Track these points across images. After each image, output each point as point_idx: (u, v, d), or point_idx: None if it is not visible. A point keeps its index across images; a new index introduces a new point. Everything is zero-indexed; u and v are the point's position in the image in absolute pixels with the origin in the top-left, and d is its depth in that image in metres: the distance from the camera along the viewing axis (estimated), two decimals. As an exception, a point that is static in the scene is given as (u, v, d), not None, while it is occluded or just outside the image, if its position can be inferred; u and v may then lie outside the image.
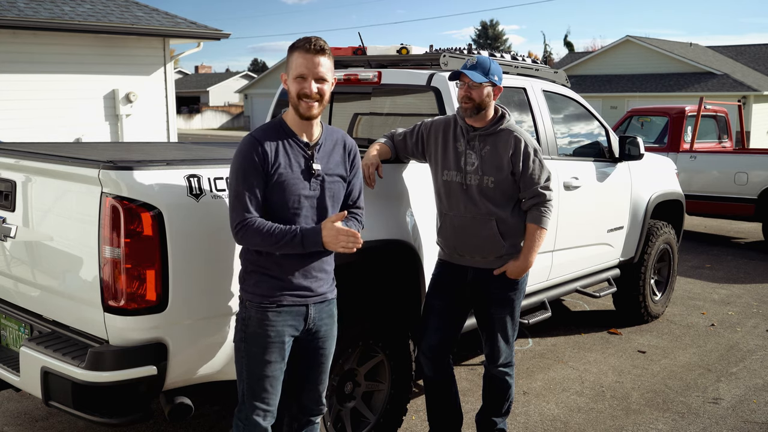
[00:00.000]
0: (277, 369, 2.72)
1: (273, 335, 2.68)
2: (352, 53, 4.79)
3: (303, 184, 2.68)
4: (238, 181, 2.60)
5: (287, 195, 2.64)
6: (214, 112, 51.83)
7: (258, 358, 2.67)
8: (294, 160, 2.67)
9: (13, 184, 3.15)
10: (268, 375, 2.69)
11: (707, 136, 11.00)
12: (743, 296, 7.26)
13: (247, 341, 2.68)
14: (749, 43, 36.48)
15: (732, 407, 4.56)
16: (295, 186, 2.66)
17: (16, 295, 3.30)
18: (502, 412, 3.74)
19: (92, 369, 2.65)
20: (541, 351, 5.53)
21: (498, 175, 3.41)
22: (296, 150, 2.69)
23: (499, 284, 3.52)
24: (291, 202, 2.65)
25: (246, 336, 2.69)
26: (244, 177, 2.59)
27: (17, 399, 4.39)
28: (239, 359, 2.72)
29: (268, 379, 2.70)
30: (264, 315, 2.66)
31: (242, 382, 2.73)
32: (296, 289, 2.70)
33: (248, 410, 2.71)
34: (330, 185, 2.76)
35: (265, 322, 2.66)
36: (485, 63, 3.38)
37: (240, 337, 2.71)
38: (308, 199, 2.70)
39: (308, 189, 2.69)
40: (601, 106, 27.54)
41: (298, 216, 2.68)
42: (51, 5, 10.83)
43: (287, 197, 2.64)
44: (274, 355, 2.69)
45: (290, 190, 2.64)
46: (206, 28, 12.49)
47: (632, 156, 5.43)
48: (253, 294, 2.68)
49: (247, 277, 2.71)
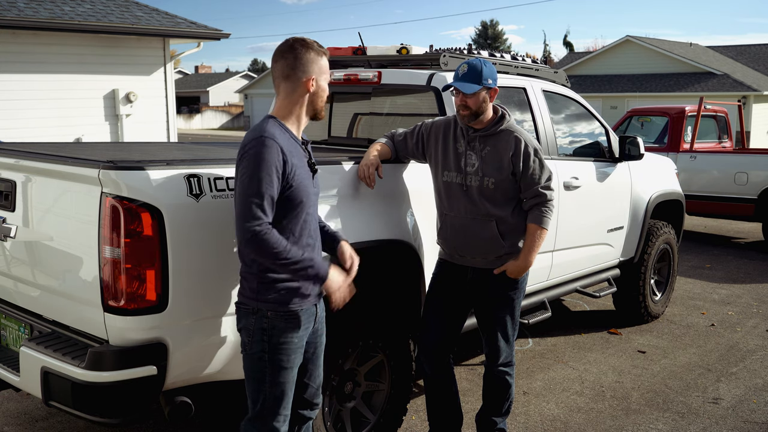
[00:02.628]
0: (296, 373, 2.74)
1: (296, 341, 2.69)
2: (352, 53, 4.79)
3: (309, 182, 2.71)
4: (260, 183, 2.49)
5: (302, 194, 2.64)
6: (214, 112, 51.85)
7: (283, 366, 2.66)
8: (301, 159, 2.68)
9: (13, 184, 3.15)
10: (290, 381, 2.70)
11: (707, 136, 11.00)
12: (743, 296, 7.26)
13: (272, 351, 2.64)
14: (749, 43, 36.50)
15: (732, 407, 4.56)
16: (307, 185, 2.68)
17: (16, 295, 3.30)
18: (502, 412, 3.74)
19: (92, 369, 2.64)
20: (541, 351, 5.53)
21: (498, 176, 3.41)
22: (299, 148, 2.70)
23: (499, 284, 3.52)
24: (305, 201, 2.66)
25: (270, 346, 2.64)
26: (266, 179, 2.49)
27: (17, 399, 4.39)
28: (260, 370, 2.66)
29: (290, 385, 2.71)
30: (290, 323, 2.65)
31: (262, 393, 2.68)
32: (311, 292, 2.72)
33: (269, 418, 2.69)
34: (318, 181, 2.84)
35: (292, 330, 2.66)
36: (477, 68, 3.34)
37: (261, 347, 2.64)
38: (315, 195, 2.76)
39: (312, 186, 2.73)
40: (601, 106, 27.55)
41: (309, 214, 2.70)
42: (51, 5, 10.83)
43: (302, 196, 2.64)
44: (296, 360, 2.71)
45: (305, 189, 2.65)
46: (206, 28, 12.49)
47: (632, 156, 5.43)
48: (276, 303, 2.63)
49: (265, 288, 2.62)
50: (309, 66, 2.68)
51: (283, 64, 2.69)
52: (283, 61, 2.69)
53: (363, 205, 3.46)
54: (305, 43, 2.69)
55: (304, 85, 2.68)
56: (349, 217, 3.38)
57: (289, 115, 2.71)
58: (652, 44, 29.61)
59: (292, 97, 2.70)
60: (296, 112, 2.72)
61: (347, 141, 4.86)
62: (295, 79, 2.68)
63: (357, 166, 3.47)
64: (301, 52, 2.67)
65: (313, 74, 2.69)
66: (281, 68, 2.69)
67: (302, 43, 2.69)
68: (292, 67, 2.67)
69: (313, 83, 2.70)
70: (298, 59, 2.67)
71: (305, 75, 2.68)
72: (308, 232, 2.71)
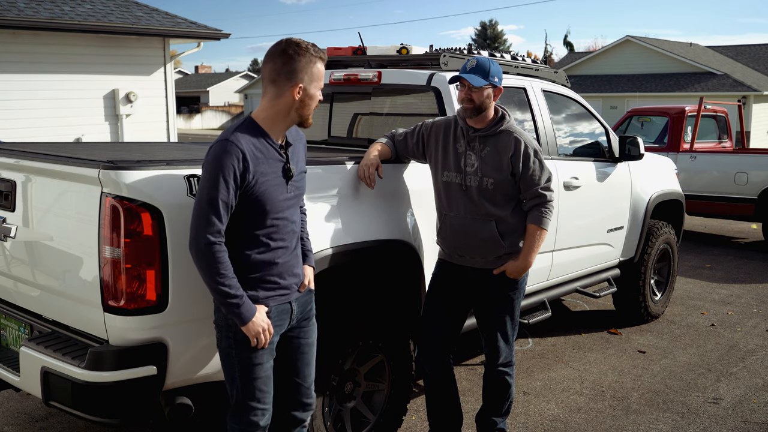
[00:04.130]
0: (269, 368, 2.71)
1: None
2: (352, 53, 4.79)
3: (281, 188, 2.62)
4: (215, 188, 2.44)
5: (267, 203, 2.57)
6: (214, 112, 51.84)
7: (250, 362, 2.65)
8: (273, 165, 2.59)
9: (13, 184, 3.14)
10: (260, 376, 2.68)
11: (707, 136, 11.00)
12: (743, 296, 7.26)
13: (237, 347, 2.64)
14: (749, 43, 36.50)
15: (732, 407, 4.56)
16: (276, 192, 2.60)
17: (16, 295, 3.30)
18: (502, 412, 3.74)
19: (92, 369, 2.64)
20: (541, 351, 5.53)
21: (497, 177, 3.41)
22: (273, 153, 2.60)
23: (499, 284, 3.52)
24: (271, 208, 2.59)
25: (236, 342, 2.63)
26: (221, 187, 2.44)
27: (17, 399, 4.39)
28: (229, 365, 2.68)
29: (261, 380, 2.69)
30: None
31: (235, 386, 2.70)
32: (282, 288, 2.69)
33: (244, 412, 2.69)
34: (300, 183, 2.75)
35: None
36: (485, 64, 3.37)
37: (228, 343, 2.65)
38: (286, 201, 2.66)
39: (285, 192, 2.65)
40: (601, 106, 27.54)
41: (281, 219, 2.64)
42: (51, 5, 10.83)
43: (269, 204, 2.58)
44: (265, 356, 2.68)
45: (270, 197, 2.58)
46: (206, 28, 12.48)
47: (632, 156, 5.43)
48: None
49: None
50: (298, 73, 2.57)
51: (272, 67, 2.58)
52: (271, 63, 2.58)
53: (363, 205, 3.46)
54: (298, 48, 2.57)
55: (290, 92, 2.57)
56: (349, 217, 3.38)
57: (270, 119, 2.61)
58: (652, 44, 29.60)
59: (275, 102, 2.60)
60: (279, 117, 2.62)
61: (347, 141, 4.86)
62: (282, 84, 2.58)
63: (357, 166, 3.47)
64: (292, 58, 2.56)
65: (302, 82, 2.58)
66: (269, 71, 2.60)
67: (295, 48, 2.57)
68: (279, 71, 2.57)
69: (300, 91, 2.58)
70: (287, 65, 2.56)
71: (292, 82, 2.57)
72: (280, 236, 2.65)
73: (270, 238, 2.63)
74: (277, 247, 2.66)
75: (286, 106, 2.61)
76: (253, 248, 2.60)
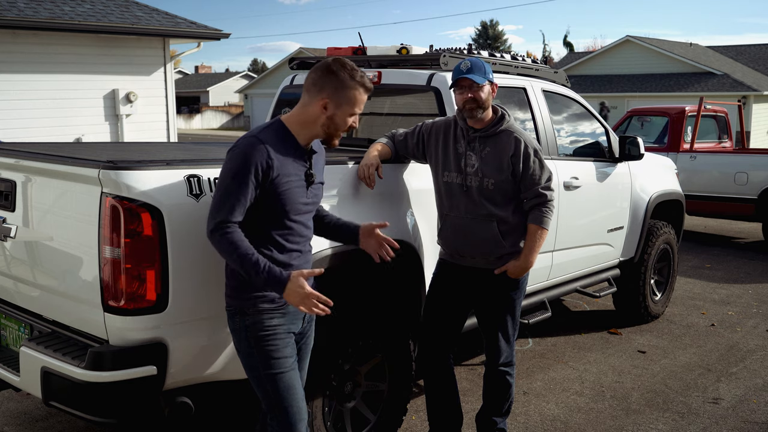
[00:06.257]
0: (293, 363, 2.70)
1: (281, 331, 2.67)
2: (352, 53, 4.79)
3: (302, 192, 2.66)
4: (235, 181, 2.51)
5: (287, 204, 2.61)
6: (214, 112, 51.84)
7: (274, 356, 2.64)
8: (296, 168, 2.64)
9: (13, 184, 3.15)
10: (288, 371, 2.67)
11: (707, 136, 11.00)
12: (743, 296, 7.26)
13: (258, 344, 2.64)
14: (749, 43, 36.49)
15: (732, 407, 4.56)
16: (296, 194, 2.64)
17: (16, 295, 3.30)
18: (502, 412, 3.74)
19: (92, 369, 2.65)
20: (541, 351, 5.53)
21: (498, 177, 3.42)
22: (297, 157, 2.66)
23: (500, 284, 3.53)
24: (291, 210, 2.63)
25: (255, 340, 2.64)
26: (243, 180, 2.51)
27: (17, 399, 4.39)
28: (254, 366, 2.66)
29: (289, 375, 2.67)
30: (271, 318, 2.65)
31: (263, 389, 2.68)
32: None
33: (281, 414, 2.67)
34: (318, 191, 2.79)
35: (274, 323, 2.65)
36: (479, 63, 3.40)
37: (248, 343, 2.65)
38: (305, 206, 2.70)
39: (305, 196, 2.69)
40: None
41: (297, 222, 2.67)
42: (51, 5, 10.82)
43: (288, 204, 2.61)
44: (287, 350, 2.68)
45: (292, 198, 2.62)
46: (206, 28, 12.48)
47: (632, 156, 5.43)
48: (256, 300, 2.63)
49: (243, 284, 2.63)
50: (328, 89, 2.63)
51: (312, 76, 2.67)
52: (313, 73, 2.67)
53: (363, 205, 3.46)
54: (341, 68, 2.64)
55: (317, 103, 2.63)
56: (349, 217, 3.37)
57: (298, 125, 2.68)
58: (652, 44, 29.59)
59: (303, 110, 2.67)
60: (306, 125, 2.67)
61: (347, 141, 4.85)
62: (313, 95, 2.65)
63: (357, 166, 3.47)
64: (332, 74, 2.63)
65: (329, 98, 2.62)
66: (308, 79, 2.68)
67: (338, 66, 2.64)
68: (314, 82, 2.65)
69: (326, 107, 2.63)
70: (323, 78, 2.64)
71: (320, 95, 2.63)
72: (295, 240, 2.69)
73: (286, 240, 2.66)
74: (292, 249, 2.68)
75: (313, 116, 2.66)
76: (270, 248, 2.62)
